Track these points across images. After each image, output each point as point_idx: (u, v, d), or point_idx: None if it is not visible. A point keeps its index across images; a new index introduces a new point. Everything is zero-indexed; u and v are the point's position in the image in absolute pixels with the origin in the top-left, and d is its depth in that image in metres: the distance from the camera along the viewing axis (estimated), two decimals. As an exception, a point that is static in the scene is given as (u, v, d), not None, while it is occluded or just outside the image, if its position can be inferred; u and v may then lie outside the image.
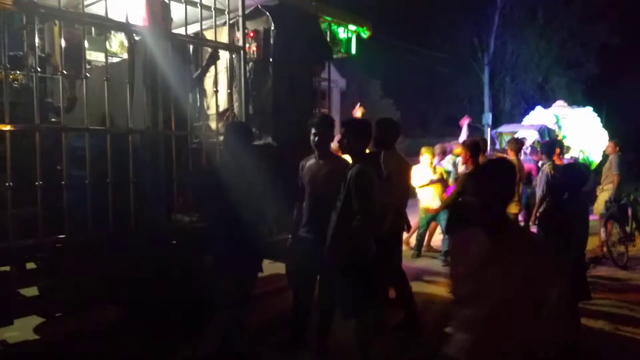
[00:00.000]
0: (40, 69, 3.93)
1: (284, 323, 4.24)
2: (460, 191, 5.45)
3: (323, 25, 5.49)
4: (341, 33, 5.81)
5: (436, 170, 7.26)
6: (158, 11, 3.97)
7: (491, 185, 2.06)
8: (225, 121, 4.78)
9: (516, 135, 11.57)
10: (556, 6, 22.49)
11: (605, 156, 9.59)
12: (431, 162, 7.25)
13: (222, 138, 4.04)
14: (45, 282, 3.72)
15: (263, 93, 4.82)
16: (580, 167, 5.05)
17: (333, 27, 5.69)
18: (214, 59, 4.38)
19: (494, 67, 24.25)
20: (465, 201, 2.16)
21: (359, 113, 6.79)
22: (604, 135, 14.64)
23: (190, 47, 4.97)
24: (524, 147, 10.27)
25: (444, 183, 7.28)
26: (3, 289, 3.37)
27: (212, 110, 4.71)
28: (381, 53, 17.79)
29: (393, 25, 18.17)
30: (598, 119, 15.57)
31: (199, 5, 4.23)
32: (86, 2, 4.47)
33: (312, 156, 3.96)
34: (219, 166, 4.06)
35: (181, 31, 4.23)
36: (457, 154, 7.37)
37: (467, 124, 9.49)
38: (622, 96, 21.95)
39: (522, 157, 8.54)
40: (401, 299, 4.64)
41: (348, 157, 3.78)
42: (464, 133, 9.20)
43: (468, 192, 2.21)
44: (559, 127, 14.56)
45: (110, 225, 3.63)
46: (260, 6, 4.83)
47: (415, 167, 6.21)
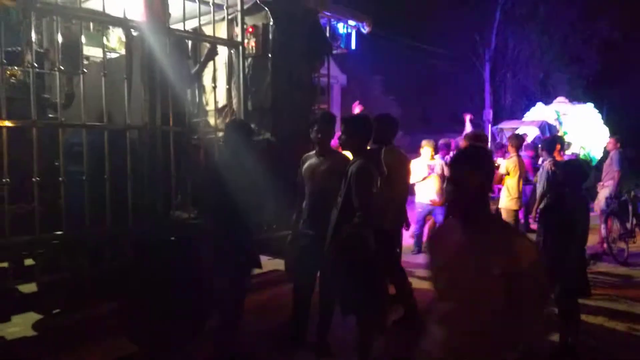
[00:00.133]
0: (37, 65, 3.91)
1: (284, 322, 4.23)
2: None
3: (322, 20, 5.46)
4: (341, 28, 5.79)
5: (436, 165, 7.21)
6: (156, 6, 3.94)
7: (461, 174, 1.96)
8: (223, 117, 4.77)
9: (517, 131, 11.55)
10: (557, 2, 22.42)
11: (606, 152, 9.59)
12: (432, 156, 7.22)
13: (222, 135, 4.01)
14: (43, 279, 3.71)
15: (262, 89, 4.79)
16: (580, 164, 5.04)
17: (332, 22, 5.67)
18: (213, 55, 4.35)
19: (495, 63, 24.17)
20: (446, 191, 2.07)
21: (357, 110, 6.79)
22: (605, 131, 14.62)
23: (188, 43, 4.95)
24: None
25: (444, 178, 7.25)
26: (1, 286, 3.36)
27: (211, 106, 4.69)
28: (382, 49, 17.76)
29: (394, 21, 18.12)
30: (599, 115, 15.53)
31: (198, 0, 4.21)
32: (84, -3, 4.45)
33: (313, 152, 3.95)
34: (218, 163, 4.04)
35: (179, 26, 4.21)
36: None
37: (469, 119, 9.51)
38: (623, 93, 21.94)
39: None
40: (401, 295, 4.64)
41: (348, 154, 3.77)
42: (468, 127, 9.20)
43: (448, 182, 2.12)
44: (560, 124, 14.51)
45: (107, 221, 3.61)
46: (259, 1, 4.80)
47: (414, 161, 6.18)
